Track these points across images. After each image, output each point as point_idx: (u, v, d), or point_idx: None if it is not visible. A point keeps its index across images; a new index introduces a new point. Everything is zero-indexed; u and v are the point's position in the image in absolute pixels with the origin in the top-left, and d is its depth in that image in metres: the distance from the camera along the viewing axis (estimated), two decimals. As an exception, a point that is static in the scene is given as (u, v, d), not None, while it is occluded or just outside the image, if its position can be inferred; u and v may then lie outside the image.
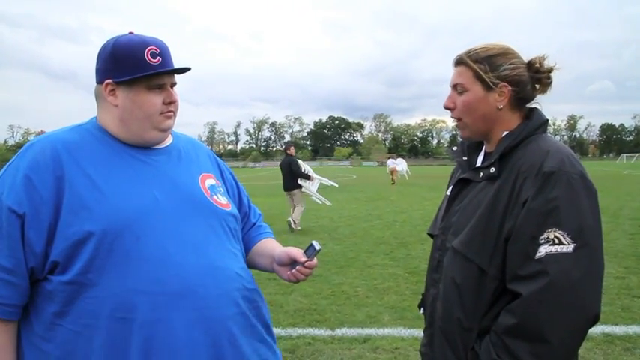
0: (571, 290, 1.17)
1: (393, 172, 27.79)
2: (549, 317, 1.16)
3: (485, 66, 1.37)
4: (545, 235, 1.19)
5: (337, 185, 12.36)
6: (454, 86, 1.43)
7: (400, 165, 29.38)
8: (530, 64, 1.40)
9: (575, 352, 1.24)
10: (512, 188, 1.27)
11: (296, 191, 10.43)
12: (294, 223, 10.16)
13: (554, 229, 1.19)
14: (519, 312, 1.19)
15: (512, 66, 1.37)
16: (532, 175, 1.24)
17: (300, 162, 10.80)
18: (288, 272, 1.50)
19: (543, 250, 1.19)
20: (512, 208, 1.26)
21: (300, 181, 10.33)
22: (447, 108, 1.45)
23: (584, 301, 1.18)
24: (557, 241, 1.18)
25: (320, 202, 11.07)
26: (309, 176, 10.54)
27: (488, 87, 1.37)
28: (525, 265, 1.21)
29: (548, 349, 1.16)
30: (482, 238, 1.29)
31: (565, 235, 1.18)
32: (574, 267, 1.17)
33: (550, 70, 1.41)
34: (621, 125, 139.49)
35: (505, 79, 1.36)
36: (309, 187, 10.56)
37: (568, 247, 1.18)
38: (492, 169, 1.34)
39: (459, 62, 1.42)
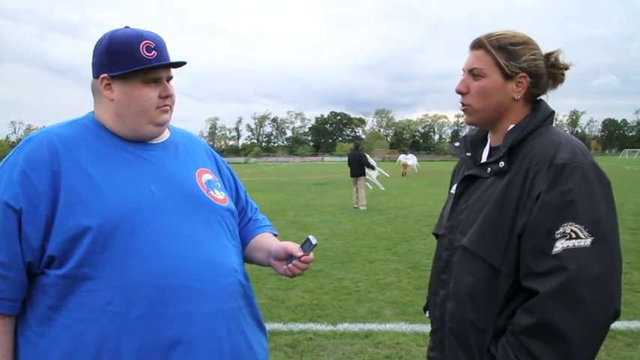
0: (591, 286, 1.12)
1: (404, 165, 30.69)
2: (569, 315, 1.12)
3: (506, 54, 1.31)
4: (561, 230, 1.15)
5: (388, 175, 17.01)
6: (470, 70, 1.36)
7: (411, 159, 32.35)
8: (547, 57, 1.36)
9: (597, 350, 1.18)
10: (524, 182, 1.22)
11: (361, 177, 13.42)
12: (362, 204, 13.07)
13: (570, 222, 1.15)
14: (537, 311, 1.14)
15: (533, 57, 1.32)
16: (544, 168, 1.20)
17: (367, 155, 14.04)
18: (285, 267, 1.49)
19: (560, 246, 1.14)
20: (524, 203, 1.21)
21: (366, 169, 13.57)
22: (459, 92, 1.39)
23: (605, 297, 1.13)
24: (574, 236, 1.14)
25: (371, 187, 14.85)
26: (374, 167, 14.12)
27: (507, 76, 1.32)
28: (541, 261, 1.16)
29: (570, 348, 1.12)
30: (494, 235, 1.24)
31: (582, 229, 1.14)
32: (593, 262, 1.12)
33: (566, 67, 1.37)
34: (623, 120, 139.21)
35: (525, 70, 1.31)
36: (372, 175, 14.37)
37: (586, 242, 1.13)
38: (501, 164, 1.29)
39: (478, 46, 1.35)
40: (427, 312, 1.55)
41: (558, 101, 1.36)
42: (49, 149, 1.26)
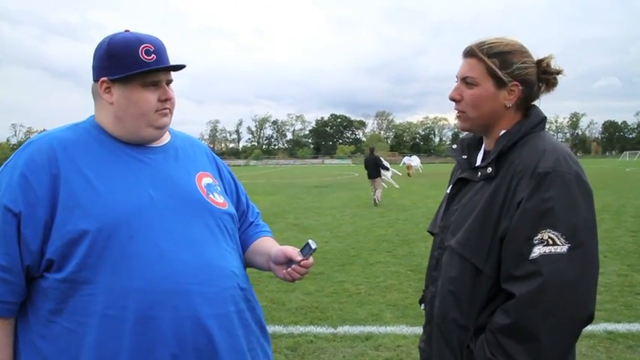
0: (565, 291, 1.17)
1: (408, 167, 32.87)
2: (542, 318, 1.16)
3: (498, 62, 1.33)
4: (539, 236, 1.19)
5: (400, 174, 18.97)
6: (463, 79, 1.39)
7: (414, 161, 34.98)
8: (538, 64, 1.38)
9: (567, 352, 1.24)
10: (508, 188, 1.27)
11: (378, 178, 15.22)
12: (378, 199, 14.74)
13: (548, 229, 1.19)
14: (513, 312, 1.19)
15: (524, 65, 1.35)
16: (527, 176, 1.24)
17: (382, 158, 16.20)
18: (284, 271, 1.49)
19: (537, 251, 1.19)
20: (507, 208, 1.26)
21: (382, 171, 15.41)
22: (452, 100, 1.42)
23: (578, 302, 1.18)
24: (551, 242, 1.18)
25: (385, 186, 16.71)
26: (388, 168, 16.14)
27: (499, 84, 1.34)
28: (519, 265, 1.21)
29: (541, 349, 1.17)
30: (478, 238, 1.29)
31: (559, 236, 1.18)
32: (568, 268, 1.17)
33: (558, 72, 1.39)
34: (624, 122, 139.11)
35: (517, 78, 1.34)
36: (387, 175, 16.33)
37: (562, 248, 1.18)
38: (489, 169, 1.33)
39: (471, 54, 1.38)
40: (422, 305, 1.60)
41: (559, 103, 1.39)
42: (48, 153, 1.27)
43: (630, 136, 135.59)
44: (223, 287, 1.32)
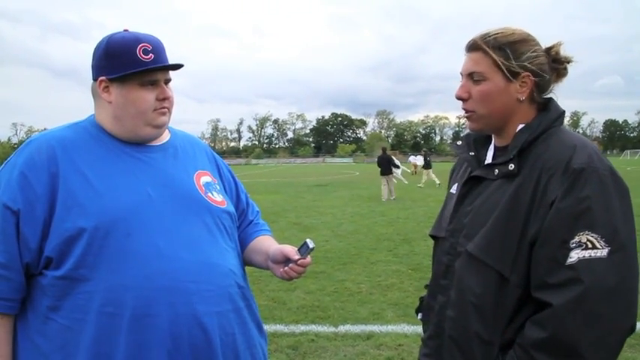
0: (607, 299, 1.06)
1: (414, 165, 33.86)
2: (584, 329, 1.05)
3: (506, 53, 1.23)
4: (576, 239, 1.08)
5: (409, 170, 21.33)
6: (469, 75, 1.28)
7: (419, 160, 36.78)
8: (547, 52, 1.28)
9: None
10: (536, 186, 1.15)
11: (390, 175, 16.59)
12: (392, 196, 16.00)
13: (586, 231, 1.08)
14: (550, 324, 1.07)
15: (534, 54, 1.24)
16: (559, 172, 1.13)
17: (393, 157, 18.32)
18: (281, 270, 1.49)
19: (575, 256, 1.08)
20: (537, 209, 1.14)
21: (393, 168, 17.01)
22: (459, 98, 1.31)
23: (621, 311, 1.07)
24: (590, 246, 1.07)
25: (396, 182, 18.16)
26: (399, 166, 18.72)
27: (510, 77, 1.23)
28: (555, 272, 1.09)
29: None
30: (503, 242, 1.17)
31: (599, 239, 1.07)
32: (610, 274, 1.06)
33: (568, 60, 1.30)
34: (625, 121, 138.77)
35: (527, 69, 1.23)
36: (397, 172, 18.90)
37: (602, 252, 1.07)
38: (511, 166, 1.21)
39: (475, 48, 1.27)
40: (419, 314, 1.50)
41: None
42: (47, 152, 1.28)
43: (631, 134, 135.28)
44: (221, 285, 1.33)
